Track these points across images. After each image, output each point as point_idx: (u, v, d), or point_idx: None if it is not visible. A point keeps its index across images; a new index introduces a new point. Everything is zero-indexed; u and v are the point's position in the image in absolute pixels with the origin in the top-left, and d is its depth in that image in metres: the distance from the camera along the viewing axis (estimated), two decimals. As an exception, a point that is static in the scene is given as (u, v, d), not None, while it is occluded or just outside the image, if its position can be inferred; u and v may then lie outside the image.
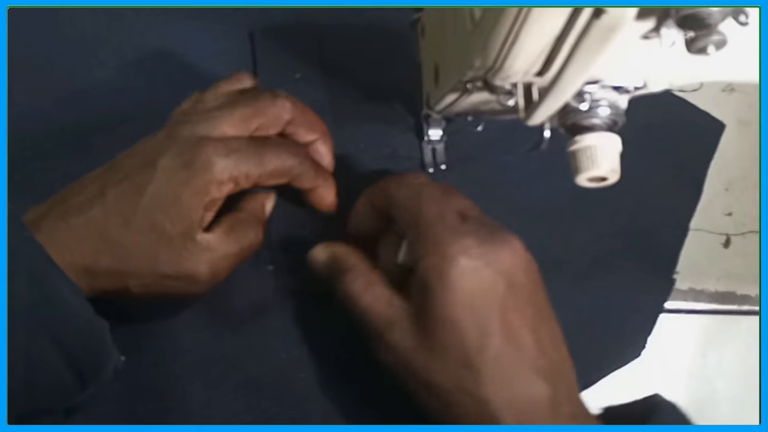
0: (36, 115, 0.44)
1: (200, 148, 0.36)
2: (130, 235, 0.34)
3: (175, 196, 0.35)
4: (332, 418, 0.41)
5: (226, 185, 0.36)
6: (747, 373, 0.50)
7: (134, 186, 0.35)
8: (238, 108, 0.38)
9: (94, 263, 0.34)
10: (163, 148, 0.36)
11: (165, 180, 0.35)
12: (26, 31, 0.46)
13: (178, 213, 0.35)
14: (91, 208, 0.34)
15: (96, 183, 0.36)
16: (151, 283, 0.36)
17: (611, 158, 0.30)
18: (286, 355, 0.42)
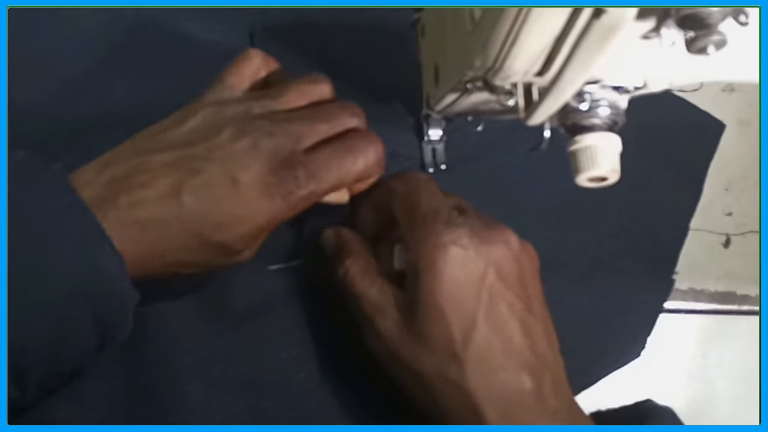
0: (36, 115, 0.44)
1: (286, 180, 0.35)
2: (198, 244, 0.34)
3: (251, 220, 0.35)
4: (332, 418, 0.41)
5: (298, 208, 0.36)
6: (747, 373, 0.50)
7: (213, 199, 0.34)
8: (319, 123, 0.37)
9: (158, 259, 0.34)
10: (246, 164, 0.34)
11: (245, 202, 0.34)
12: (26, 30, 0.46)
13: (248, 233, 0.35)
14: (165, 209, 0.33)
15: (168, 177, 0.34)
16: (202, 271, 0.37)
17: (611, 158, 0.30)
18: (286, 355, 0.42)
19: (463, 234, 0.35)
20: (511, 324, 0.34)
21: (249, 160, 0.34)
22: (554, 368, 0.36)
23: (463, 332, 0.34)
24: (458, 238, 0.35)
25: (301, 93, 0.38)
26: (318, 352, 0.42)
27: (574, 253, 0.47)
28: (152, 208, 0.33)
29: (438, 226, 0.35)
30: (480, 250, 0.35)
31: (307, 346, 0.42)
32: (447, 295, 0.34)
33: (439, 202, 0.37)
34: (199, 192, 0.34)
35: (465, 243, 0.35)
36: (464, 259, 0.34)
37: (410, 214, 0.37)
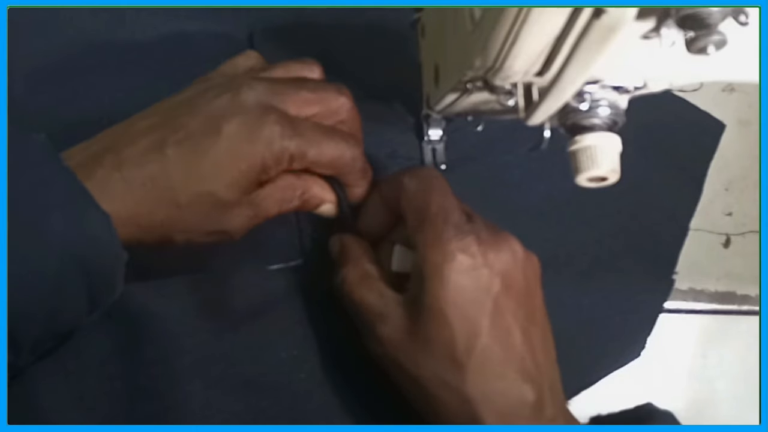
0: (36, 114, 0.44)
1: (267, 124, 0.35)
2: (186, 197, 0.35)
3: (235, 166, 0.35)
4: (332, 418, 0.41)
5: (283, 163, 0.36)
6: (747, 373, 0.50)
7: (197, 149, 0.35)
8: (303, 90, 0.38)
9: (147, 218, 0.34)
10: (228, 113, 0.35)
11: (228, 148, 0.35)
12: (26, 30, 0.46)
13: (234, 181, 0.35)
14: (150, 164, 0.34)
15: (151, 135, 0.35)
16: (195, 237, 0.36)
17: (611, 158, 0.30)
18: (286, 355, 0.42)
19: (472, 242, 0.35)
20: (514, 333, 0.34)
21: (231, 110, 0.35)
22: (551, 377, 0.36)
23: (467, 339, 0.34)
24: (467, 245, 0.34)
25: (288, 69, 0.39)
26: (318, 352, 0.42)
27: (574, 253, 0.47)
28: (137, 164, 0.34)
29: (447, 230, 0.35)
30: (487, 259, 0.35)
31: (307, 345, 0.42)
32: (452, 302, 0.34)
33: (449, 202, 0.36)
34: (182, 144, 0.34)
35: (473, 251, 0.34)
36: (472, 268, 0.34)
37: (419, 213, 0.36)
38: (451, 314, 0.34)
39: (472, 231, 0.35)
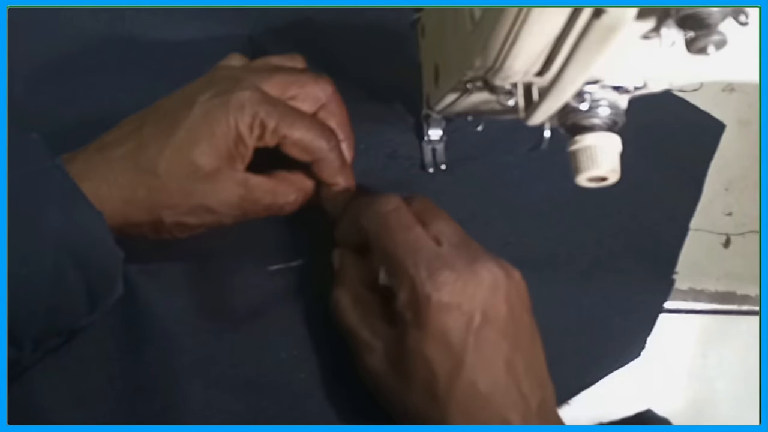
0: (36, 114, 0.44)
1: (239, 89, 0.36)
2: (165, 167, 0.35)
3: (209, 130, 0.36)
4: (332, 419, 0.41)
5: (254, 129, 0.37)
6: (747, 373, 0.50)
7: (172, 121, 0.36)
8: (279, 72, 0.39)
9: (131, 194, 0.35)
10: (203, 88, 0.37)
11: (201, 115, 0.36)
12: (26, 31, 0.46)
13: (210, 147, 0.36)
14: (128, 141, 0.35)
15: (134, 122, 0.37)
16: (185, 214, 0.36)
17: (611, 158, 0.30)
18: (286, 355, 0.42)
19: (447, 279, 0.34)
20: (496, 365, 0.34)
21: (206, 87, 0.37)
22: (540, 397, 0.35)
23: (448, 376, 0.34)
24: (442, 284, 0.34)
25: (269, 60, 0.40)
26: (318, 352, 0.42)
27: (574, 253, 0.47)
28: (116, 144, 0.35)
29: (419, 273, 0.34)
30: (465, 294, 0.34)
31: (308, 346, 0.42)
32: (433, 344, 0.34)
33: (413, 237, 0.36)
34: (159, 121, 0.36)
35: (449, 289, 0.34)
36: (449, 308, 0.34)
37: (387, 256, 0.36)
38: (432, 355, 0.34)
39: (446, 265, 0.35)
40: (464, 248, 0.36)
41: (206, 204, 0.36)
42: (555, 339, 0.37)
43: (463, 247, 0.36)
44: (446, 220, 0.38)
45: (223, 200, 0.37)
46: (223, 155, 0.36)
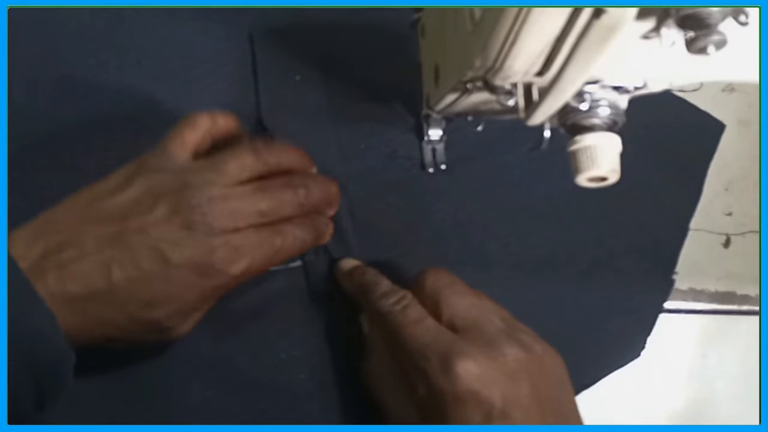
0: (36, 115, 0.44)
1: (217, 259, 0.34)
2: (127, 322, 0.34)
3: (180, 296, 0.35)
4: (332, 419, 0.41)
5: (233, 284, 0.36)
6: (747, 373, 0.50)
7: (142, 278, 0.34)
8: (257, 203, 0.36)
9: (87, 334, 0.34)
10: (177, 242, 0.34)
11: (175, 280, 0.34)
12: (26, 31, 0.46)
13: (180, 311, 0.35)
14: (93, 287, 0.33)
15: (98, 254, 0.33)
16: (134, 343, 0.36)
17: (611, 158, 0.30)
18: (286, 356, 0.42)
19: (461, 371, 0.33)
20: None
21: (181, 240, 0.34)
22: None
23: None
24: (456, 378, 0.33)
25: (243, 166, 0.37)
26: (318, 353, 0.42)
27: (574, 253, 0.47)
28: (81, 284, 0.33)
29: (432, 367, 0.34)
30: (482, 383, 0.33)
31: (308, 346, 0.42)
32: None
33: (423, 331, 0.35)
34: (128, 270, 0.33)
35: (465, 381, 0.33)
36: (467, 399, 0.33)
37: (401, 352, 0.36)
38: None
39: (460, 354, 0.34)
40: (478, 331, 0.35)
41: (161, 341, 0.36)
42: (555, 339, 0.37)
43: (478, 329, 0.36)
44: (459, 296, 0.37)
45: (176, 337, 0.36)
46: (190, 315, 0.36)
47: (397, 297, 0.37)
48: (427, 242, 0.45)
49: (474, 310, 0.36)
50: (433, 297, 0.37)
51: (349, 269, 0.42)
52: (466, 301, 0.37)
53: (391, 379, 0.37)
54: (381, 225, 0.45)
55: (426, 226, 0.46)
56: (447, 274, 0.38)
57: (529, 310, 0.39)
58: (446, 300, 0.37)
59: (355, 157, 0.46)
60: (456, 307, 0.36)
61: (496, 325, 0.36)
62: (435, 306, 0.37)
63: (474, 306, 0.37)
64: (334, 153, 0.45)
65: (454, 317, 0.36)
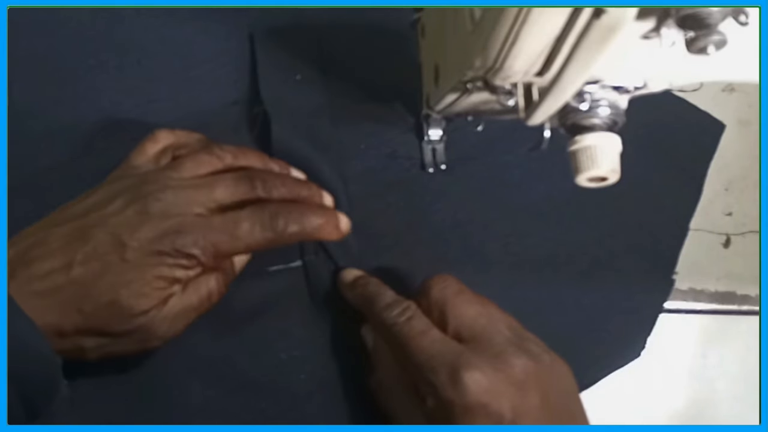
0: (36, 116, 0.44)
1: (173, 241, 0.35)
2: (92, 307, 0.34)
3: (141, 278, 0.35)
4: (332, 419, 0.41)
5: (197, 267, 0.36)
6: (747, 373, 0.50)
7: (103, 265, 0.34)
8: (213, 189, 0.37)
9: (58, 326, 0.34)
10: (134, 226, 0.35)
11: (134, 264, 0.35)
12: (26, 31, 0.46)
13: (143, 293, 0.35)
14: (57, 280, 0.34)
15: (61, 250, 0.35)
16: (108, 344, 0.36)
17: (611, 158, 0.30)
18: (286, 356, 0.42)
19: (469, 382, 0.33)
20: None
21: (137, 224, 0.35)
22: None
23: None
24: (464, 389, 0.33)
25: (199, 163, 0.38)
26: (318, 353, 0.42)
27: (574, 253, 0.47)
28: (47, 280, 0.34)
29: (440, 379, 0.33)
30: (490, 395, 0.33)
31: (307, 347, 0.42)
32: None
33: (429, 343, 0.35)
34: (89, 260, 0.34)
35: (473, 392, 0.33)
36: (476, 411, 0.33)
37: (408, 364, 0.36)
38: None
39: (468, 366, 0.33)
40: (486, 342, 0.35)
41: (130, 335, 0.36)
42: (555, 339, 0.37)
43: (485, 339, 0.35)
44: (467, 305, 0.37)
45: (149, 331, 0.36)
46: (156, 298, 0.35)
47: (401, 308, 0.37)
48: (427, 242, 0.45)
49: (481, 319, 0.36)
50: (440, 306, 0.37)
51: (352, 280, 0.41)
52: (473, 311, 0.36)
53: (400, 391, 0.37)
54: (381, 225, 0.45)
55: (426, 226, 0.46)
56: (454, 281, 0.38)
57: (529, 310, 0.39)
58: (453, 309, 0.36)
59: (355, 157, 0.46)
60: (463, 316, 0.36)
61: (503, 335, 0.36)
62: (441, 315, 0.36)
63: (481, 315, 0.36)
64: (334, 153, 0.45)
65: (461, 327, 0.36)
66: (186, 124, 0.45)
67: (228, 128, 0.45)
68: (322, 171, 0.44)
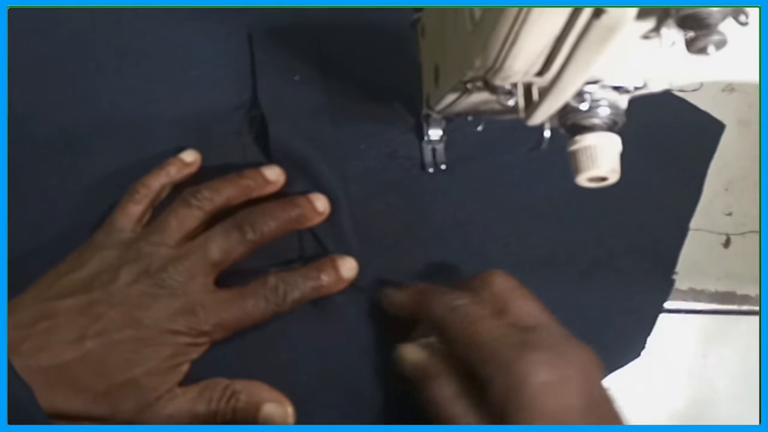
0: (35, 119, 0.44)
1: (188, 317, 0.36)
2: (103, 386, 0.35)
3: (156, 354, 0.36)
4: (333, 420, 0.41)
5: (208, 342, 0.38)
6: (747, 373, 0.50)
7: (117, 344, 0.35)
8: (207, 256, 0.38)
9: (63, 408, 0.34)
10: (145, 305, 0.36)
11: (150, 344, 0.36)
12: (25, 34, 0.46)
13: (159, 371, 0.36)
14: (67, 355, 0.34)
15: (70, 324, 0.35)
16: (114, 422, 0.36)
17: (611, 158, 0.30)
18: (286, 357, 0.42)
19: (538, 359, 0.33)
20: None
21: (148, 303, 0.36)
22: None
23: None
24: (534, 363, 0.33)
25: (182, 220, 0.39)
26: (319, 354, 0.42)
27: (574, 253, 0.47)
28: (55, 354, 0.34)
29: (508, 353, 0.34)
30: (561, 375, 0.34)
31: (308, 348, 0.42)
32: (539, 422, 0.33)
33: (495, 326, 0.35)
34: (102, 335, 0.35)
35: (546, 370, 0.33)
36: (548, 386, 0.33)
37: (473, 347, 0.35)
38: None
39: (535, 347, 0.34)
40: (545, 331, 0.36)
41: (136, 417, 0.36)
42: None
43: (545, 329, 0.36)
44: (526, 301, 0.38)
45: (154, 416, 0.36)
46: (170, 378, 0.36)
47: (461, 295, 0.38)
48: (427, 242, 0.45)
49: (539, 315, 0.37)
50: (502, 298, 0.37)
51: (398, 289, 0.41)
52: (531, 306, 0.38)
53: (465, 398, 0.36)
54: (381, 225, 0.45)
55: (426, 226, 0.46)
56: (511, 276, 0.39)
57: (529, 310, 0.39)
58: (514, 302, 0.37)
59: (355, 157, 0.46)
60: (522, 310, 0.37)
61: (559, 329, 0.37)
62: (502, 307, 0.37)
63: (540, 311, 0.37)
64: (334, 153, 0.45)
65: (518, 320, 0.36)
66: (185, 125, 0.45)
67: (229, 131, 0.45)
68: (321, 171, 0.44)
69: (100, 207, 0.42)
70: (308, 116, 0.46)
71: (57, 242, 0.41)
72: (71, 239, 0.41)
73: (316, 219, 0.42)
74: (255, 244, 0.39)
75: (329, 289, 0.40)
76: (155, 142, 0.44)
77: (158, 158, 0.42)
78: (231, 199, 0.41)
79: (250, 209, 0.40)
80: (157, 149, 0.44)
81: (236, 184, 0.41)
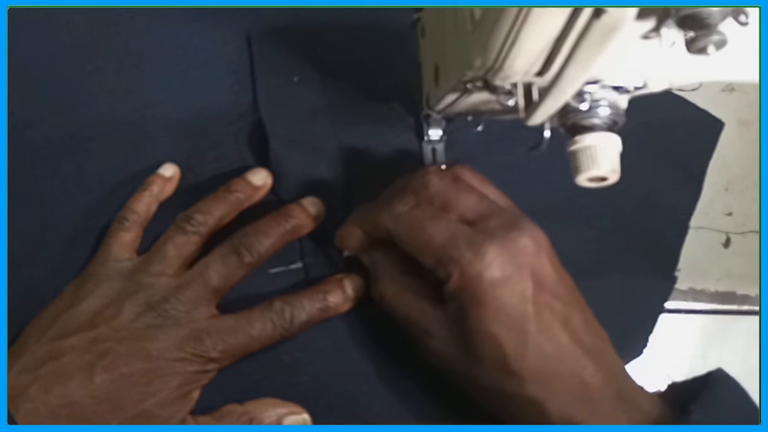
0: (34, 122, 0.44)
1: (195, 345, 0.36)
2: (116, 422, 0.35)
3: (166, 384, 0.36)
4: (334, 420, 0.41)
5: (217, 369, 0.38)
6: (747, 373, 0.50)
7: (126, 374, 0.35)
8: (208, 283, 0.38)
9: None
10: (151, 338, 0.36)
11: (158, 368, 0.35)
12: (23, 38, 0.45)
13: (169, 399, 0.36)
14: (79, 391, 0.34)
15: (78, 362, 0.35)
16: None
17: (611, 158, 0.30)
18: (288, 358, 0.42)
19: (493, 255, 0.34)
20: (557, 329, 0.35)
21: (153, 335, 0.36)
22: (601, 353, 0.36)
23: (516, 349, 0.34)
24: (490, 262, 0.34)
25: (179, 247, 0.39)
26: (320, 355, 0.42)
27: (575, 253, 0.47)
28: (64, 394, 0.34)
29: (464, 255, 0.34)
30: (514, 266, 0.34)
31: (310, 348, 0.42)
32: (495, 321, 0.34)
33: (445, 225, 0.36)
34: (110, 371, 0.35)
35: (498, 264, 0.34)
36: (503, 282, 0.34)
37: (424, 251, 0.36)
38: (497, 331, 0.34)
39: (487, 241, 0.34)
40: (495, 218, 0.36)
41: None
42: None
43: (494, 216, 0.36)
44: (467, 193, 0.38)
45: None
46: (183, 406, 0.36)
47: (404, 200, 0.38)
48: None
49: (483, 200, 0.37)
50: (442, 195, 0.37)
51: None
52: (473, 195, 0.38)
53: (407, 293, 0.38)
54: (381, 225, 0.45)
55: (426, 227, 0.46)
56: (448, 172, 0.39)
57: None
58: (455, 198, 0.37)
59: (354, 158, 0.46)
60: (465, 202, 0.37)
61: (506, 209, 0.37)
62: (445, 204, 0.37)
63: (481, 197, 0.38)
64: (334, 153, 0.45)
65: (467, 210, 0.37)
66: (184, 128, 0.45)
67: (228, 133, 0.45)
68: (321, 172, 0.44)
69: (100, 209, 0.42)
70: (307, 117, 0.46)
71: (57, 244, 0.42)
72: (72, 241, 0.41)
73: (311, 225, 0.42)
74: (254, 265, 0.39)
75: (336, 310, 0.40)
76: (154, 145, 0.44)
77: (157, 162, 0.43)
78: (224, 217, 0.41)
79: (244, 230, 0.40)
80: (156, 151, 0.44)
81: (226, 201, 0.41)
